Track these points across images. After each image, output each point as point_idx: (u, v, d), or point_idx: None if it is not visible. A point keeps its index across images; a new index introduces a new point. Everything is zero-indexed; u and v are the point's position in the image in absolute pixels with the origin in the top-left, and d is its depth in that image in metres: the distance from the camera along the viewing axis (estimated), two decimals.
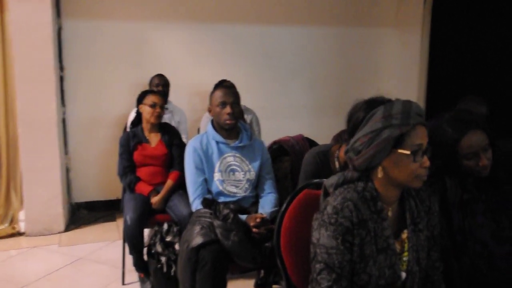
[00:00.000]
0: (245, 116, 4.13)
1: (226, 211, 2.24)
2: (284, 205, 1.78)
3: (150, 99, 3.09)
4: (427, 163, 1.37)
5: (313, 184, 1.84)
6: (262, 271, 2.79)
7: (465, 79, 4.29)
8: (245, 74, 4.77)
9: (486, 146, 1.71)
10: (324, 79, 5.11)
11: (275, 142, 2.90)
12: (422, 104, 4.78)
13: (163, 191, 2.99)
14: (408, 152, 1.35)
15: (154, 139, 3.13)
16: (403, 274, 1.44)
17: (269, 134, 3.66)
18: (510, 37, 3.85)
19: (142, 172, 3.07)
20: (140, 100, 3.13)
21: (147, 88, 4.10)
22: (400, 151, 1.35)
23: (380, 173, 1.40)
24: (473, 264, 1.70)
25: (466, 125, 1.71)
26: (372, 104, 1.42)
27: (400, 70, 5.14)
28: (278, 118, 4.84)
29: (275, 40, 4.96)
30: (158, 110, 3.07)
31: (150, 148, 3.09)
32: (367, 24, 5.21)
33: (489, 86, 4.01)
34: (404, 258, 1.45)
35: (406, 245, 1.46)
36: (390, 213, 1.46)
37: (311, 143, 2.97)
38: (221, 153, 2.53)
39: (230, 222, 2.19)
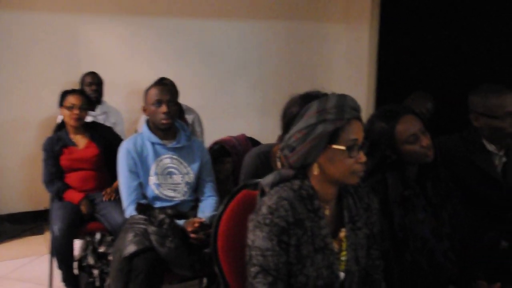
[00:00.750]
0: (187, 116, 4.12)
1: (161, 217, 2.23)
2: (221, 207, 1.80)
3: (68, 100, 3.02)
4: (363, 158, 1.43)
5: (252, 185, 1.87)
6: (205, 280, 2.79)
7: (414, 75, 4.47)
8: (186, 71, 4.76)
9: (423, 129, 1.82)
10: (271, 76, 5.18)
11: (216, 143, 2.92)
12: (371, 100, 4.95)
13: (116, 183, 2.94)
14: (343, 148, 1.39)
15: (81, 141, 3.07)
16: (342, 274, 1.49)
17: (213, 135, 3.66)
18: (459, 33, 4.05)
19: (71, 178, 3.00)
20: (60, 101, 3.05)
21: (78, 87, 4.01)
22: (335, 146, 1.40)
23: (316, 170, 1.45)
24: (414, 260, 1.78)
25: (396, 112, 1.84)
26: (307, 98, 1.46)
27: (349, 66, 5.29)
28: (222, 118, 4.86)
29: (219, 35, 4.97)
30: (76, 112, 3.00)
31: (78, 151, 3.02)
32: (315, 18, 5.33)
33: (437, 82, 4.21)
34: (342, 258, 1.50)
35: (344, 244, 1.51)
36: (327, 212, 1.50)
37: (255, 143, 3.01)
38: (157, 155, 2.52)
39: (166, 228, 2.18)
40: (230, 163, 2.88)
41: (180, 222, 2.33)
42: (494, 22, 3.75)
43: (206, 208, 2.51)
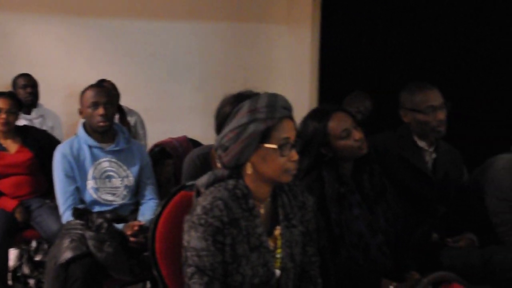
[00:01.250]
0: (129, 118, 4.07)
1: (99, 221, 2.19)
2: (159, 209, 1.79)
3: None
4: (295, 156, 1.46)
5: (190, 186, 1.87)
6: (149, 284, 2.76)
7: (355, 74, 4.59)
8: (128, 73, 4.68)
9: (354, 124, 1.89)
10: (214, 78, 5.17)
11: (156, 145, 2.91)
12: (314, 100, 5.04)
13: None
14: (275, 147, 1.42)
15: (12, 145, 2.95)
16: (277, 272, 1.52)
17: (156, 137, 3.62)
18: (398, 34, 4.20)
19: (3, 184, 2.88)
20: None
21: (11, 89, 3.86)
22: (267, 145, 1.43)
23: (249, 170, 1.47)
24: (350, 256, 1.84)
25: (327, 111, 1.91)
26: (239, 98, 1.49)
27: (292, 67, 5.37)
28: (165, 120, 4.81)
29: (161, 37, 4.92)
30: (3, 116, 2.87)
31: (9, 156, 2.91)
32: (258, 20, 5.38)
33: (377, 81, 4.34)
34: (278, 255, 1.53)
35: (279, 242, 1.54)
36: (262, 210, 1.53)
37: (196, 145, 3.02)
38: (94, 158, 2.48)
39: (103, 233, 2.15)
40: (171, 165, 2.87)
41: (120, 226, 2.31)
42: (430, 23, 3.91)
43: (147, 211, 2.49)
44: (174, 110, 4.98)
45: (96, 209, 2.42)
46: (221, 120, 1.51)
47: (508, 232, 2.14)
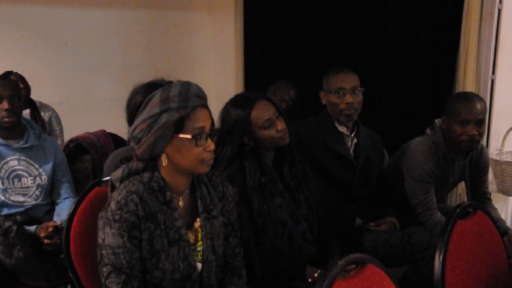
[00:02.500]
0: (43, 114, 3.90)
1: (7, 224, 2.10)
2: (72, 207, 1.74)
3: None
4: (211, 146, 1.46)
5: (105, 181, 1.83)
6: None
7: (279, 63, 4.66)
8: (38, 65, 4.46)
9: (277, 113, 1.92)
10: (135, 69, 5.06)
11: (71, 140, 2.82)
12: (240, 90, 5.06)
13: None
14: (189, 137, 1.42)
15: None
16: (199, 265, 1.52)
17: (73, 133, 3.49)
18: (322, 21, 4.29)
19: None
20: None
21: None
22: (181, 136, 1.42)
23: (164, 161, 1.45)
24: (274, 245, 1.88)
25: (250, 99, 1.92)
26: (151, 87, 1.48)
27: (216, 56, 5.36)
28: (82, 114, 4.64)
29: (77, 25, 4.73)
30: None
31: None
32: (179, 8, 5.31)
33: (301, 69, 4.43)
34: (199, 248, 1.53)
35: (200, 234, 1.54)
36: (181, 203, 1.53)
37: (116, 139, 2.95)
38: (1, 157, 2.35)
39: (13, 236, 2.06)
40: (90, 161, 2.79)
41: (32, 228, 2.22)
42: (354, 11, 4.03)
43: (62, 211, 2.39)
44: (92, 103, 4.83)
45: (5, 211, 2.30)
46: (132, 110, 1.50)
47: (424, 213, 2.27)
